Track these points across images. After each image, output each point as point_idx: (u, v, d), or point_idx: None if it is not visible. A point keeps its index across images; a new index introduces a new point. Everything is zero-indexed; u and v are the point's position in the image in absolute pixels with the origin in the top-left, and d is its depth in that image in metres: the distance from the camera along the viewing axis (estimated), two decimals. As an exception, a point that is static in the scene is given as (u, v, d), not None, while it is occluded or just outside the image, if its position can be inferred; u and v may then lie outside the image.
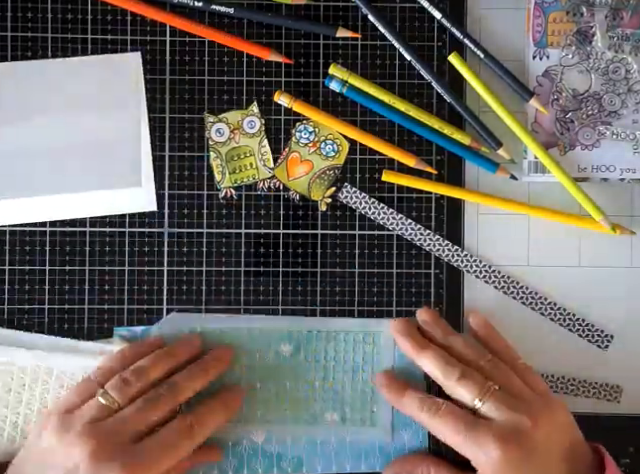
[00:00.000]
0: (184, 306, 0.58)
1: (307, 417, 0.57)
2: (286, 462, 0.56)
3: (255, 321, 0.57)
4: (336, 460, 0.57)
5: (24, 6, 0.57)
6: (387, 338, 0.57)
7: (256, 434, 0.57)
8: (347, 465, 0.57)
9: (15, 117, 0.56)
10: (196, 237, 0.58)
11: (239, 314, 0.58)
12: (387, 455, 0.56)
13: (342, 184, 0.58)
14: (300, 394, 0.57)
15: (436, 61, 0.59)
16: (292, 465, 0.56)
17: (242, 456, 0.56)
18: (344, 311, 0.58)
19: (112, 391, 0.50)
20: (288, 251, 0.58)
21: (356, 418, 0.57)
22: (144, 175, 0.57)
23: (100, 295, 0.58)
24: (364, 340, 0.57)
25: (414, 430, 0.56)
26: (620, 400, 0.58)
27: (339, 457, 0.57)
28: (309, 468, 0.57)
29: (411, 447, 0.57)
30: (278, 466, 0.56)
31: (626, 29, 0.58)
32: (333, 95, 0.58)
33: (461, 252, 0.58)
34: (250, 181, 0.58)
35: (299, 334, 0.57)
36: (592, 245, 0.59)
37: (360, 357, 0.57)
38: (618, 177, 0.58)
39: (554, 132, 0.58)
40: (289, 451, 0.57)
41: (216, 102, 0.58)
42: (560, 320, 0.58)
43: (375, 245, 0.58)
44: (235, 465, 0.56)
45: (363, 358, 0.57)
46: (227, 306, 0.58)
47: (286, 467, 0.56)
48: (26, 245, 0.57)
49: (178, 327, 0.57)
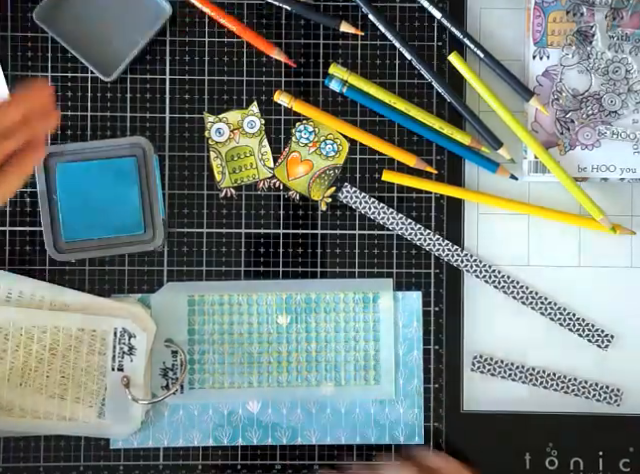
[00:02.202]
0: (184, 306, 0.58)
1: (303, 388, 0.57)
2: (281, 432, 0.57)
3: (254, 287, 0.57)
4: (331, 432, 0.57)
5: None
6: (387, 300, 0.57)
7: (251, 404, 0.57)
8: (342, 437, 0.57)
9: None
10: (196, 237, 0.58)
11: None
12: (381, 427, 0.57)
13: (342, 184, 0.58)
14: (296, 364, 0.57)
15: (436, 61, 0.59)
16: (287, 435, 0.57)
17: (237, 425, 0.57)
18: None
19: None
20: (288, 251, 0.58)
21: (354, 386, 0.57)
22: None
23: (100, 295, 0.58)
24: (364, 307, 0.57)
25: (409, 404, 0.57)
26: (620, 404, 0.58)
27: (334, 429, 0.57)
28: (304, 439, 0.57)
29: (406, 421, 0.57)
30: (273, 436, 0.57)
31: (626, 29, 0.58)
32: (333, 95, 0.58)
33: (461, 252, 0.58)
34: (250, 181, 0.58)
35: (297, 306, 0.57)
36: (592, 245, 0.59)
37: (360, 326, 0.57)
38: (618, 177, 0.58)
39: (554, 132, 0.58)
40: (284, 421, 0.57)
41: (216, 102, 0.58)
42: (560, 320, 0.58)
43: (375, 245, 0.58)
44: (230, 434, 0.57)
45: (363, 328, 0.57)
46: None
47: (280, 437, 0.57)
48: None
49: (176, 294, 0.57)
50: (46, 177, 0.56)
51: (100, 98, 0.58)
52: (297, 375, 0.57)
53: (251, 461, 0.58)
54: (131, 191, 0.56)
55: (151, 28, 0.57)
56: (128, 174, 0.56)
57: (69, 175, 0.56)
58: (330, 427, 0.57)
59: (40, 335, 0.55)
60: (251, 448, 0.58)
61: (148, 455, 0.57)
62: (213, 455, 0.57)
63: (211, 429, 0.57)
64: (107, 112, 0.58)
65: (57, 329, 0.56)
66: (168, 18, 0.57)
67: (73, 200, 0.56)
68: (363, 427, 0.57)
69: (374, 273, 0.58)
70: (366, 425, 0.57)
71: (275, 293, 0.57)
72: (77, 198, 0.56)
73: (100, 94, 0.58)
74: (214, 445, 0.57)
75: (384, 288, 0.57)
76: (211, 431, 0.57)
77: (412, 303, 0.58)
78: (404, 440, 0.57)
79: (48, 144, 0.56)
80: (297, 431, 0.57)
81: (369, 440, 0.57)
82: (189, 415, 0.57)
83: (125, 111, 0.58)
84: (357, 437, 0.57)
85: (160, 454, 0.57)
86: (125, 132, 0.58)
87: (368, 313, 0.57)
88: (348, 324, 0.57)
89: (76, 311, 0.56)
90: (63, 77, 0.58)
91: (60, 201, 0.56)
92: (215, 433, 0.57)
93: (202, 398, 0.57)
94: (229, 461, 0.57)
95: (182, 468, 0.57)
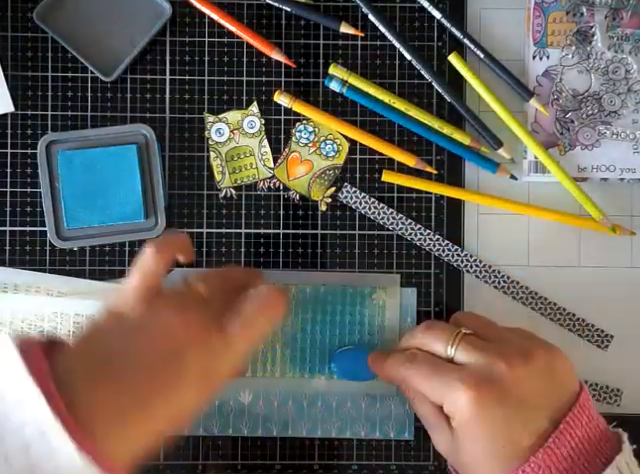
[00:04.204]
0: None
1: (295, 381, 0.57)
2: (272, 424, 0.57)
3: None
4: (322, 425, 0.57)
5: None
6: (391, 295, 0.57)
7: (243, 395, 0.57)
8: (332, 431, 0.57)
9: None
10: (196, 237, 0.58)
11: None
12: (373, 423, 0.57)
13: (342, 184, 0.58)
14: (289, 356, 0.57)
15: (436, 61, 0.59)
16: (278, 427, 0.57)
17: (228, 416, 0.57)
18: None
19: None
20: (288, 251, 0.58)
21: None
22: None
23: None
24: (360, 301, 0.57)
25: (400, 399, 0.57)
26: (620, 404, 0.58)
27: (325, 422, 0.57)
28: (295, 431, 0.57)
29: (397, 414, 0.57)
30: (264, 427, 0.57)
31: (626, 29, 0.58)
32: (333, 95, 0.58)
33: (461, 252, 0.58)
34: (250, 181, 0.58)
35: (293, 298, 0.57)
36: (592, 245, 0.59)
37: (355, 320, 0.57)
38: (618, 177, 0.58)
39: (554, 132, 0.58)
40: (275, 414, 0.57)
41: (216, 102, 0.58)
42: (560, 320, 0.58)
43: (375, 245, 0.58)
44: (220, 424, 0.57)
45: (358, 321, 0.57)
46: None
47: (272, 429, 0.57)
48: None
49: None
50: (48, 165, 0.56)
51: (100, 98, 0.58)
52: (291, 367, 0.57)
53: (251, 461, 0.58)
54: (133, 178, 0.56)
55: (151, 28, 0.57)
56: (130, 161, 0.56)
57: (71, 163, 0.56)
58: (321, 421, 0.57)
59: (38, 322, 0.56)
60: (251, 448, 0.58)
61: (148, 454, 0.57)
62: (213, 455, 0.58)
63: (202, 418, 0.57)
64: (107, 112, 0.58)
65: (55, 315, 0.56)
66: (168, 18, 0.57)
67: (75, 188, 0.56)
68: (354, 422, 0.57)
69: (374, 273, 0.58)
70: (357, 420, 0.57)
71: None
72: (79, 185, 0.56)
73: (100, 94, 0.58)
74: (214, 442, 0.57)
75: (391, 283, 0.57)
76: (202, 421, 0.57)
77: (407, 299, 0.58)
78: (394, 436, 0.57)
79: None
80: (288, 424, 0.57)
81: (359, 435, 0.57)
82: None
83: (125, 111, 0.58)
84: (347, 432, 0.57)
85: (160, 454, 0.57)
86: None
87: (365, 308, 0.57)
88: (344, 318, 0.57)
89: (73, 296, 0.56)
90: (63, 77, 0.58)
91: (62, 189, 0.56)
92: (205, 423, 0.57)
93: None
94: (229, 461, 0.58)
95: (182, 468, 0.57)
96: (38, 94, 0.58)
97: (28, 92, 0.58)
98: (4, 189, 0.57)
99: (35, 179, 0.57)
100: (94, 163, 0.56)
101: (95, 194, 0.56)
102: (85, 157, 0.56)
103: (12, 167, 0.57)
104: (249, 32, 0.57)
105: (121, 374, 0.41)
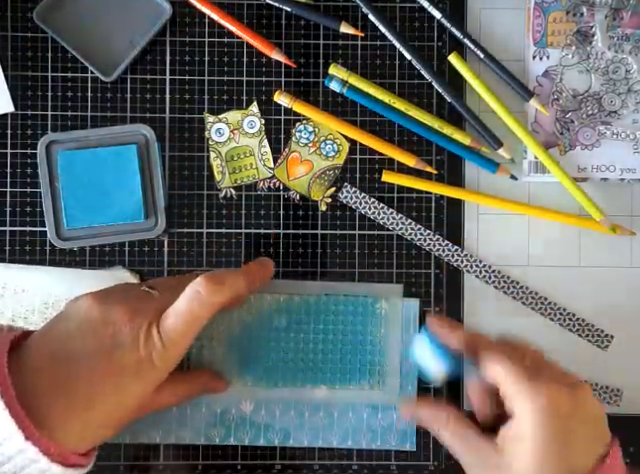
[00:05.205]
0: (184, 306, 0.58)
1: (297, 390, 0.57)
2: (273, 433, 0.57)
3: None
4: (323, 435, 0.57)
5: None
6: (393, 306, 0.57)
7: (245, 404, 0.57)
8: (334, 440, 0.57)
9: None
10: (196, 237, 0.58)
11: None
12: (374, 432, 0.57)
13: (342, 184, 0.58)
14: (291, 367, 0.57)
15: (436, 61, 0.59)
16: (279, 437, 0.57)
17: (230, 425, 0.57)
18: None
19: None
20: (288, 251, 0.58)
21: (352, 390, 0.57)
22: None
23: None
24: (362, 311, 0.57)
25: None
26: (620, 404, 0.58)
27: (326, 432, 0.57)
28: (296, 441, 0.57)
29: (401, 427, 0.57)
30: (265, 437, 0.57)
31: (626, 29, 0.58)
32: (333, 95, 0.58)
33: (461, 252, 0.58)
34: (250, 181, 0.58)
35: (296, 307, 0.57)
36: (592, 245, 0.59)
37: (357, 330, 0.57)
38: (618, 177, 0.58)
39: (554, 132, 0.58)
40: (277, 423, 0.57)
41: (216, 102, 0.58)
42: (560, 320, 0.58)
43: (375, 245, 0.58)
44: (222, 433, 0.57)
45: (360, 331, 0.57)
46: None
47: (273, 438, 0.57)
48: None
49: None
50: (48, 165, 0.56)
51: (100, 98, 0.58)
52: (293, 377, 0.57)
53: (251, 461, 0.58)
54: (133, 178, 0.56)
55: (151, 28, 0.57)
56: (130, 161, 0.56)
57: (71, 162, 0.56)
58: (323, 430, 0.57)
59: (28, 315, 0.56)
60: (251, 448, 0.58)
61: (148, 455, 0.57)
62: (213, 455, 0.58)
63: (203, 428, 0.57)
64: (107, 112, 0.58)
65: (46, 306, 0.56)
66: (168, 18, 0.57)
67: (75, 188, 0.56)
68: (355, 431, 0.57)
69: (374, 273, 0.58)
70: (358, 430, 0.57)
71: (274, 294, 0.57)
72: (79, 185, 0.56)
73: (100, 94, 0.58)
74: (214, 444, 0.57)
75: (393, 294, 0.57)
76: (203, 430, 0.57)
77: (410, 310, 0.57)
78: (396, 445, 0.57)
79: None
80: (289, 433, 0.57)
81: (360, 444, 0.57)
82: (181, 412, 0.57)
83: (125, 111, 0.58)
84: (349, 441, 0.57)
85: (160, 454, 0.57)
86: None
87: (367, 318, 0.57)
88: (347, 328, 0.57)
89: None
90: (63, 77, 0.58)
91: (62, 189, 0.56)
92: (207, 432, 0.57)
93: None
94: (229, 461, 0.58)
95: (182, 468, 0.57)
96: (38, 94, 0.58)
97: (28, 92, 0.58)
98: (4, 189, 0.57)
99: (35, 179, 0.57)
100: (94, 163, 0.56)
101: (95, 194, 0.56)
102: (85, 157, 0.56)
103: (12, 167, 0.57)
104: (249, 32, 0.57)
105: (65, 367, 0.46)
